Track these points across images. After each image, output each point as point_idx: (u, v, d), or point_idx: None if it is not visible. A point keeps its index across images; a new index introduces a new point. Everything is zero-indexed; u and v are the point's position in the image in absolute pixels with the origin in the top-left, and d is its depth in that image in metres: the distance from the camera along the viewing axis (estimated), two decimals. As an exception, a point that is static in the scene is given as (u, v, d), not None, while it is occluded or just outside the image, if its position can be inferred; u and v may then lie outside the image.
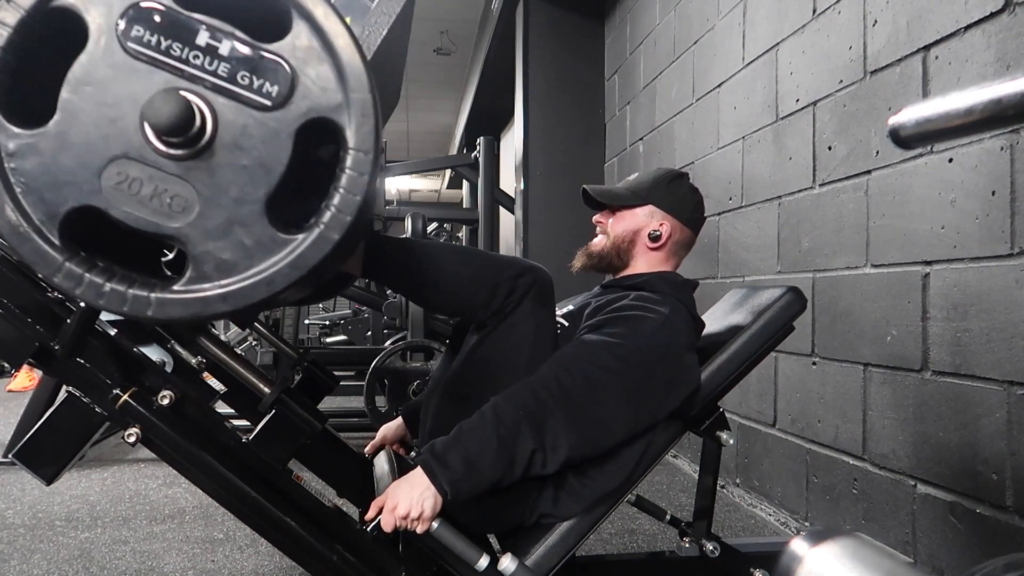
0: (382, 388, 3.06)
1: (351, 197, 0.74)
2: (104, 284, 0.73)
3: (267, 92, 0.73)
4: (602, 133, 4.36)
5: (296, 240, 0.74)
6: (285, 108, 0.73)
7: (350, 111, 0.74)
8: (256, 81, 0.73)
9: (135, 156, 0.72)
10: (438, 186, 13.58)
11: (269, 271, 0.74)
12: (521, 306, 1.16)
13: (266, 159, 0.73)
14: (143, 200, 0.72)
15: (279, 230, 0.74)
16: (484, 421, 1.08)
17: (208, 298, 0.73)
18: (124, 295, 0.73)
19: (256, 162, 0.73)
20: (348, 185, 0.74)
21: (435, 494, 1.04)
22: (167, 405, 1.10)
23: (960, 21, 1.60)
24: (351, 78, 0.74)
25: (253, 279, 0.74)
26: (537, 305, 1.18)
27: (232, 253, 0.73)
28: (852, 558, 0.49)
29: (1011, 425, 1.47)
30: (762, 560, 1.33)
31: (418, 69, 7.76)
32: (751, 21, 2.58)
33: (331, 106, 0.74)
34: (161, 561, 1.92)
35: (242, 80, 0.73)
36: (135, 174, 0.72)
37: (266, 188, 0.73)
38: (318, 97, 0.73)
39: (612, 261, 1.40)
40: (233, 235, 0.73)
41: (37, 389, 2.82)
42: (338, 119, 0.74)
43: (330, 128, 0.74)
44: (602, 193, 1.41)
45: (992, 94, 0.44)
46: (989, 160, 1.53)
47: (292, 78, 0.73)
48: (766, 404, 2.46)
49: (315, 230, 0.74)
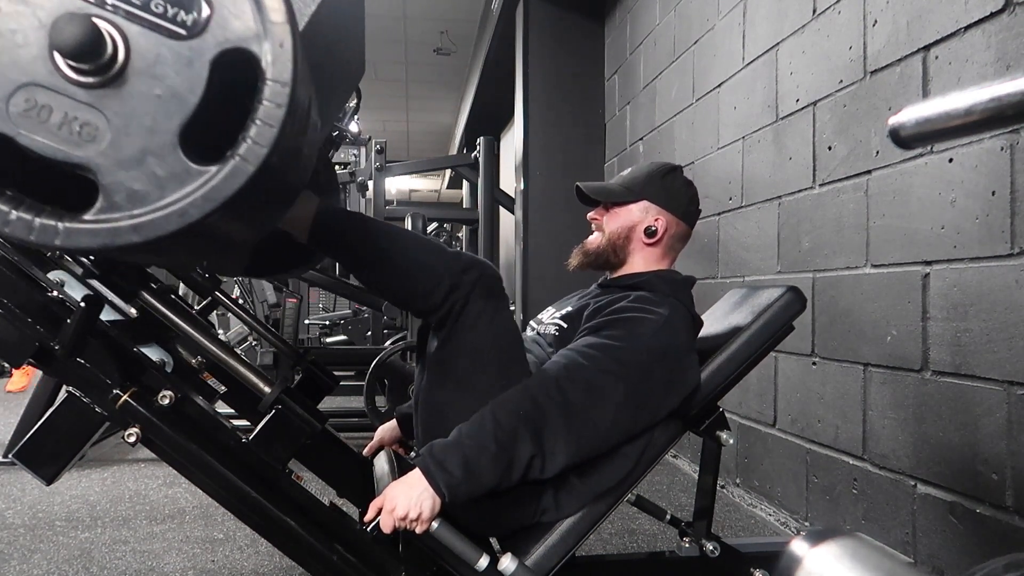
0: (382, 388, 3.06)
1: (267, 128, 0.73)
2: (10, 212, 0.72)
3: (181, 20, 0.72)
4: (602, 133, 4.36)
5: (210, 172, 0.73)
6: (200, 37, 0.72)
7: (267, 41, 0.73)
8: (171, 9, 0.72)
9: (44, 83, 0.71)
10: (438, 186, 13.58)
11: (182, 202, 0.73)
12: (469, 305, 1.15)
13: (180, 89, 0.72)
14: (52, 128, 0.71)
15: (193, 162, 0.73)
16: (483, 425, 1.07)
17: (118, 228, 0.72)
18: (31, 223, 0.72)
19: (170, 92, 0.72)
20: (264, 116, 0.73)
21: (433, 496, 1.04)
22: (167, 405, 1.10)
23: (960, 21, 1.60)
24: (268, 7, 0.73)
25: (165, 210, 0.72)
26: (486, 301, 1.16)
27: (144, 183, 0.72)
28: (852, 558, 0.49)
29: (1011, 425, 1.47)
30: (762, 560, 1.33)
31: (418, 69, 7.76)
32: (751, 21, 2.58)
33: (247, 36, 0.72)
34: (161, 561, 1.92)
35: (156, 7, 0.72)
36: (44, 101, 0.71)
37: (180, 118, 0.72)
38: (234, 26, 0.72)
39: (609, 258, 1.39)
40: (145, 165, 0.72)
41: (37, 389, 2.82)
42: (255, 49, 0.73)
43: (248, 59, 0.73)
44: (595, 190, 1.40)
45: (992, 94, 0.44)
46: (989, 160, 1.53)
47: (208, 7, 0.72)
48: (766, 404, 2.46)
49: (230, 162, 0.73)
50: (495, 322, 1.17)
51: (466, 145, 8.17)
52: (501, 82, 5.86)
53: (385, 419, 2.53)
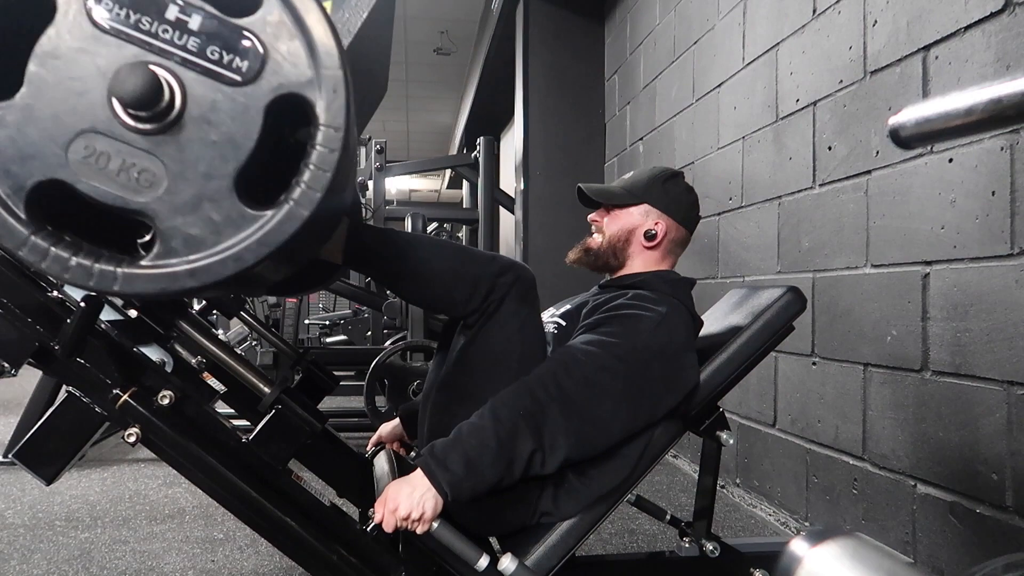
0: (382, 388, 3.06)
1: (321, 173, 0.74)
2: (70, 258, 0.73)
3: (237, 67, 0.73)
4: (602, 133, 4.36)
5: (265, 216, 0.74)
6: (255, 83, 0.73)
7: (321, 87, 0.73)
8: (226, 56, 0.72)
9: (102, 130, 0.72)
10: (438, 186, 13.58)
11: (237, 247, 0.73)
12: (504, 306, 1.15)
13: (235, 134, 0.73)
14: (110, 174, 0.72)
15: (248, 206, 0.74)
16: (483, 422, 1.08)
17: (175, 273, 0.73)
18: (90, 269, 0.73)
19: (225, 137, 0.73)
20: (318, 161, 0.74)
21: (435, 495, 1.04)
22: (167, 405, 1.10)
23: (960, 21, 1.60)
24: (322, 54, 0.73)
25: (221, 255, 0.73)
26: (520, 304, 1.17)
27: (200, 228, 0.73)
28: (852, 558, 0.49)
29: (1011, 425, 1.47)
30: (762, 560, 1.33)
31: (418, 69, 7.76)
32: (751, 21, 2.58)
33: (301, 82, 0.73)
34: (161, 561, 1.92)
35: (212, 55, 0.72)
36: (102, 148, 0.72)
37: (235, 163, 0.73)
38: (288, 72, 0.73)
39: (608, 260, 1.39)
40: (201, 210, 0.73)
41: (37, 389, 2.82)
42: (309, 95, 0.74)
43: (301, 105, 0.74)
44: (597, 192, 1.41)
45: (992, 94, 0.44)
46: (989, 160, 1.53)
47: (262, 53, 0.73)
48: (766, 404, 2.46)
49: (284, 206, 0.74)
50: (525, 326, 1.18)
51: (466, 145, 8.17)
52: (501, 82, 5.86)
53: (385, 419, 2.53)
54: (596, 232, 1.42)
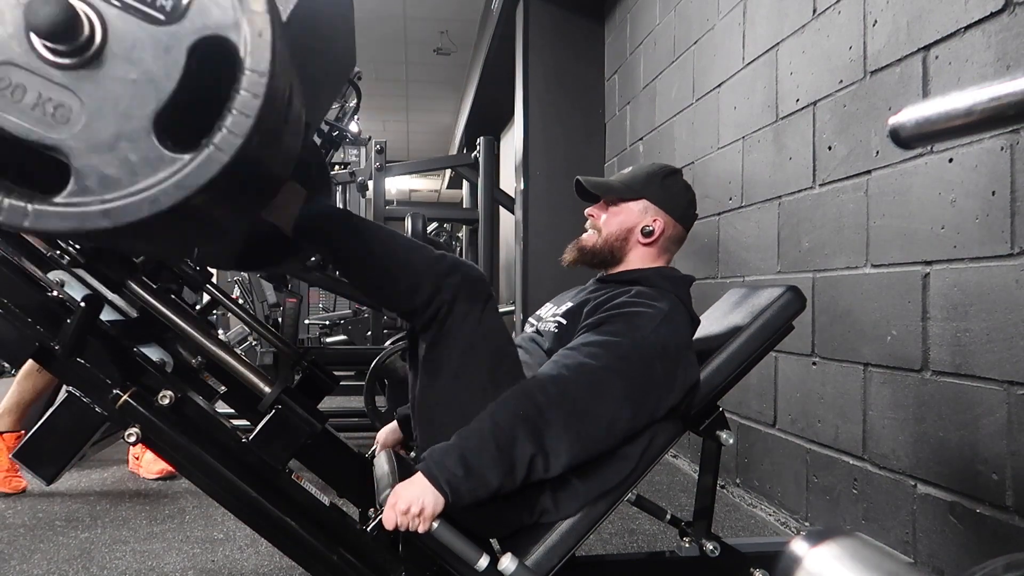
0: (382, 388, 3.06)
1: (243, 119, 0.72)
2: None
3: (161, 6, 0.71)
4: (602, 133, 4.36)
5: (184, 159, 0.72)
6: (179, 23, 0.71)
7: (245, 30, 0.72)
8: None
9: (18, 62, 0.70)
10: (438, 186, 13.58)
11: (154, 189, 0.72)
12: (456, 308, 1.15)
13: (156, 74, 0.71)
14: (24, 108, 0.70)
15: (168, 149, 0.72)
16: (482, 426, 1.08)
17: (88, 212, 0.72)
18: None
19: (146, 77, 0.71)
20: (240, 106, 0.72)
21: (435, 493, 1.04)
22: (167, 405, 1.10)
23: (960, 21, 1.60)
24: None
25: (137, 196, 0.72)
26: (471, 304, 1.16)
27: (116, 168, 0.71)
28: (852, 558, 0.49)
29: (1011, 425, 1.47)
30: (762, 560, 1.33)
31: (418, 69, 7.76)
32: (751, 21, 2.58)
33: (226, 24, 0.72)
34: (161, 561, 1.92)
35: None
36: (18, 80, 0.70)
37: (155, 104, 0.71)
38: (213, 14, 0.72)
39: (605, 257, 1.39)
40: (118, 150, 0.71)
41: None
42: (233, 38, 0.72)
43: (226, 48, 0.73)
44: (596, 185, 1.40)
45: (992, 94, 0.44)
46: (989, 160, 1.53)
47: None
48: (766, 404, 2.46)
49: (204, 150, 0.72)
50: (482, 323, 1.17)
51: (466, 145, 8.17)
52: (501, 82, 5.86)
53: (385, 419, 2.53)
54: (591, 227, 1.41)
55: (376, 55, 7.15)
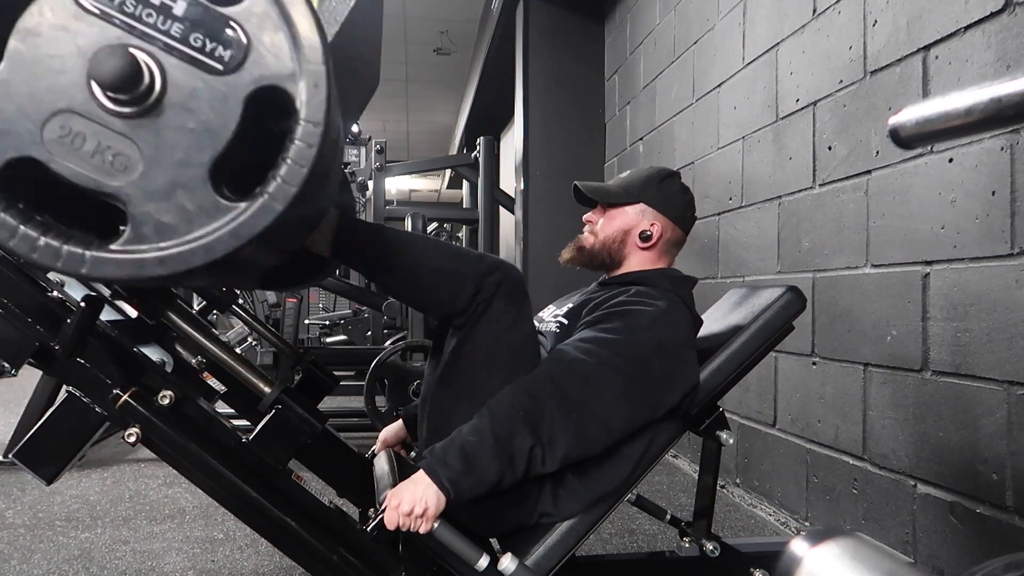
0: (382, 388, 3.06)
1: (298, 168, 0.73)
2: (39, 238, 0.72)
3: (219, 56, 0.72)
4: (602, 133, 4.36)
5: (239, 208, 0.73)
6: (236, 73, 0.72)
7: (302, 81, 0.73)
8: (209, 44, 0.72)
9: (79, 111, 0.71)
10: (438, 186, 13.58)
11: (209, 237, 0.73)
12: (492, 306, 1.15)
13: (214, 123, 0.72)
14: (85, 156, 0.71)
15: (223, 197, 0.73)
16: (481, 421, 1.08)
17: (144, 260, 0.73)
18: (59, 251, 0.73)
19: (203, 126, 0.72)
20: (295, 156, 0.73)
21: (437, 492, 1.04)
22: (167, 405, 1.10)
23: (960, 21, 1.60)
24: (306, 47, 0.73)
25: (192, 244, 0.73)
26: (509, 303, 1.17)
27: (172, 216, 0.72)
28: (852, 558, 0.49)
29: (1011, 425, 1.47)
30: (762, 560, 1.33)
31: (418, 69, 7.76)
32: (751, 21, 2.58)
33: (283, 75, 0.73)
34: (161, 561, 1.92)
35: (195, 42, 0.72)
36: (78, 129, 0.71)
37: (212, 153, 0.72)
38: (271, 64, 0.73)
39: (603, 260, 1.40)
40: (175, 198, 0.72)
41: (37, 389, 2.82)
42: (289, 88, 0.73)
43: (281, 98, 0.74)
44: (594, 190, 1.41)
45: (992, 94, 0.44)
46: (989, 160, 1.53)
47: (246, 44, 0.72)
48: (766, 404, 2.46)
49: (259, 199, 0.73)
50: (515, 326, 1.18)
51: (466, 145, 8.17)
52: (501, 82, 5.86)
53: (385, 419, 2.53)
54: (589, 232, 1.42)
55: (376, 55, 7.14)
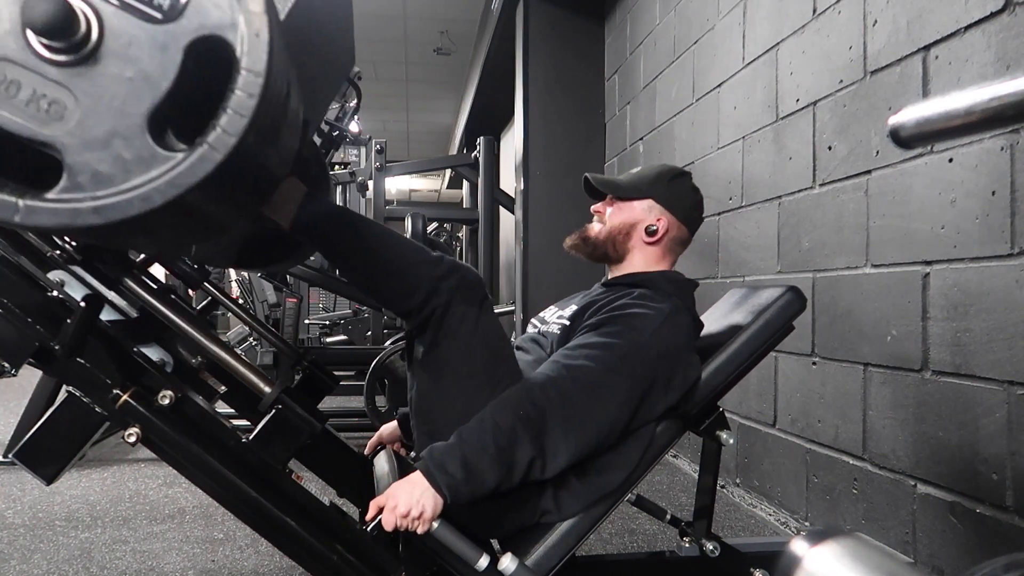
0: (382, 388, 3.06)
1: (238, 118, 0.72)
2: None
3: (158, 4, 0.71)
4: (602, 133, 4.36)
5: (176, 157, 0.72)
6: (175, 22, 0.71)
7: (242, 30, 0.72)
8: None
9: (13, 58, 0.70)
10: (438, 186, 13.58)
11: (147, 186, 0.72)
12: (451, 311, 1.15)
13: (152, 73, 0.71)
14: (19, 104, 0.70)
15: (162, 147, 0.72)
16: (482, 428, 1.08)
17: (79, 209, 0.71)
18: None
19: (141, 75, 0.71)
20: (235, 105, 0.72)
21: (434, 495, 1.04)
22: (167, 405, 1.10)
23: (960, 21, 1.60)
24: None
25: (129, 193, 0.72)
26: (468, 306, 1.17)
27: (109, 165, 0.71)
28: (852, 558, 0.49)
29: (1011, 425, 1.47)
30: (762, 560, 1.33)
31: (418, 69, 7.76)
32: (751, 21, 2.58)
33: (223, 24, 0.72)
34: (161, 561, 1.92)
35: None
36: (13, 76, 0.70)
37: (150, 102, 0.71)
38: (211, 13, 0.72)
39: (607, 251, 1.39)
40: (112, 147, 0.71)
41: (37, 389, 2.82)
42: (230, 38, 0.72)
43: (223, 47, 0.73)
44: (603, 182, 1.41)
45: (992, 94, 0.44)
46: (989, 160, 1.53)
47: None
48: (766, 404, 2.46)
49: (198, 148, 0.72)
50: (479, 325, 1.18)
51: (466, 145, 8.17)
52: (501, 82, 5.86)
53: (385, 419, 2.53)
54: (597, 222, 1.42)
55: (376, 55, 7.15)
